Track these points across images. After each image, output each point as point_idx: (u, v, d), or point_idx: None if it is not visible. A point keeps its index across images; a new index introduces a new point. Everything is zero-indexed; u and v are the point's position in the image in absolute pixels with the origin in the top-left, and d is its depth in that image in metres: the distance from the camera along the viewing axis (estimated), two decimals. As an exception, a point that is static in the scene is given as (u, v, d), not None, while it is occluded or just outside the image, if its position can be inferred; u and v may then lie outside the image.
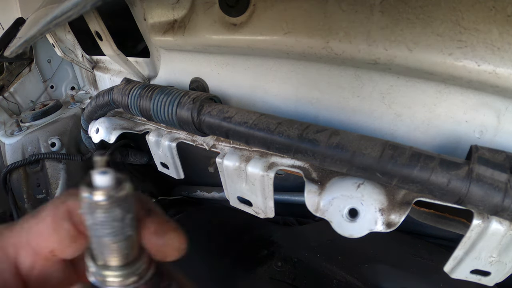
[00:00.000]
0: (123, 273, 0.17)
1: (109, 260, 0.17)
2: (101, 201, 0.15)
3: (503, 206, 0.29)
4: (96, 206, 0.16)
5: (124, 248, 0.17)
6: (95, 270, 0.18)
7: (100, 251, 0.17)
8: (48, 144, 1.00)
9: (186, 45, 0.55)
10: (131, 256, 0.18)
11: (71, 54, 1.04)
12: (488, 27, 0.30)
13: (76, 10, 0.24)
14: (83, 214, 0.17)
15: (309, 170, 0.44)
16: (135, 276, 0.18)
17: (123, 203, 0.16)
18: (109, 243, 0.17)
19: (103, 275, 0.17)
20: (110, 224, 0.16)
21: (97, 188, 0.16)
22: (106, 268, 0.17)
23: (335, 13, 0.36)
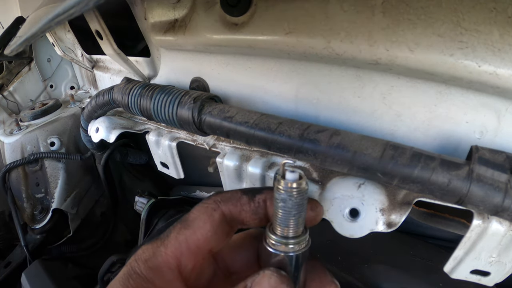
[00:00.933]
0: (296, 241, 0.25)
1: (287, 232, 0.25)
2: (294, 190, 0.23)
3: (503, 206, 0.29)
4: (291, 193, 0.23)
5: (298, 224, 0.25)
6: (275, 240, 0.25)
7: (283, 225, 0.25)
8: (47, 143, 1.00)
9: (186, 44, 0.55)
10: (300, 231, 0.25)
11: (71, 53, 1.03)
12: (489, 28, 0.30)
13: (78, 7, 0.24)
14: (278, 199, 0.24)
15: (309, 170, 0.44)
16: (303, 244, 0.26)
17: (305, 192, 0.24)
18: (291, 219, 0.24)
19: (283, 242, 0.25)
20: (296, 206, 0.24)
21: (291, 180, 0.23)
22: (284, 238, 0.25)
23: (337, 14, 0.37)
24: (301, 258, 0.26)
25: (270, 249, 0.25)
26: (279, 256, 0.25)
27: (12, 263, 0.95)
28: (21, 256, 0.96)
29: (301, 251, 0.25)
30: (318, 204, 0.29)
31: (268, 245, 0.26)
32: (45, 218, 0.97)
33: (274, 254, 0.25)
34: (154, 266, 0.24)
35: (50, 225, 0.97)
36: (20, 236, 0.93)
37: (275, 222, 0.25)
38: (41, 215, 0.97)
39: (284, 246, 0.25)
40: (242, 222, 0.28)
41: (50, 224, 0.97)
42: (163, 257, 0.24)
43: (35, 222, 0.97)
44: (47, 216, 0.97)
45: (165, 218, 0.96)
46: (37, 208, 0.97)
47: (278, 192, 0.24)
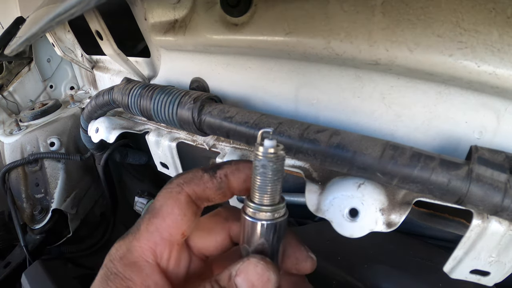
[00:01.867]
0: (274, 208, 0.25)
1: (264, 199, 0.25)
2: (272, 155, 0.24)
3: (503, 206, 0.29)
4: (268, 158, 0.24)
5: (276, 191, 0.25)
6: (254, 208, 0.25)
7: (261, 192, 0.25)
8: (47, 144, 1.00)
9: (186, 45, 0.55)
10: (277, 200, 0.25)
11: (70, 54, 1.03)
12: (488, 28, 0.30)
13: (79, 7, 0.24)
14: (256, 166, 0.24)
15: (309, 170, 0.44)
16: (281, 212, 0.26)
17: (282, 159, 0.24)
18: (269, 186, 0.24)
19: (260, 209, 0.25)
20: (274, 172, 0.24)
21: (269, 147, 0.24)
22: (261, 205, 0.25)
23: (337, 14, 0.37)
24: (279, 227, 0.26)
25: (249, 218, 0.25)
26: (258, 224, 0.25)
27: (12, 263, 0.95)
28: (21, 256, 0.96)
29: (279, 219, 0.26)
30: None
31: (247, 214, 0.26)
32: (45, 219, 0.97)
33: (253, 223, 0.25)
34: (131, 263, 0.23)
35: (49, 225, 0.97)
36: (19, 236, 0.93)
37: (253, 190, 0.25)
38: (40, 215, 0.96)
39: (263, 213, 0.25)
40: (208, 199, 0.28)
41: (50, 225, 0.97)
42: (138, 251, 0.24)
43: (35, 222, 0.97)
44: (47, 216, 0.97)
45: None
46: (37, 208, 0.97)
47: (258, 159, 0.24)
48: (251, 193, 0.26)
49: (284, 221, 0.26)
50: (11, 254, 0.99)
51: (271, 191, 0.25)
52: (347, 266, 0.61)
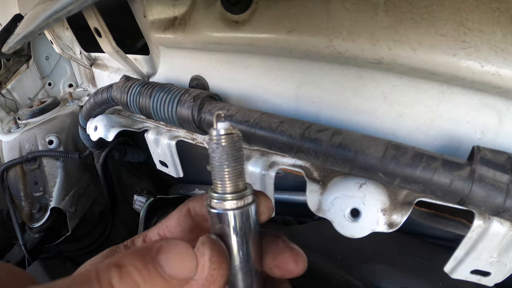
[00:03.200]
0: (235, 196, 0.23)
1: (226, 187, 0.23)
2: (223, 137, 0.22)
3: (505, 207, 0.29)
4: (221, 139, 0.22)
5: (235, 177, 0.23)
6: (215, 198, 0.23)
7: (218, 180, 0.23)
8: (45, 142, 0.99)
9: (186, 42, 0.55)
10: (241, 186, 0.23)
11: (69, 51, 1.03)
12: (492, 28, 0.30)
13: (77, 4, 0.24)
14: (210, 151, 0.23)
15: (310, 169, 0.44)
16: (243, 201, 0.23)
17: (237, 139, 0.23)
18: (225, 171, 0.22)
19: (222, 198, 0.23)
20: (228, 156, 0.22)
21: (221, 128, 0.22)
22: (224, 194, 0.23)
23: (339, 12, 0.36)
24: (245, 216, 0.23)
25: (212, 209, 0.23)
26: (216, 216, 0.23)
27: (11, 262, 0.95)
28: (19, 255, 0.96)
29: (241, 208, 0.23)
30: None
31: (209, 205, 0.24)
32: (43, 217, 0.96)
33: (216, 214, 0.23)
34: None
35: (48, 223, 0.97)
36: (18, 235, 0.92)
37: (213, 178, 0.23)
38: (39, 213, 0.96)
39: (226, 202, 0.23)
40: (204, 217, 0.28)
41: (49, 223, 0.97)
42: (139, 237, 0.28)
43: (33, 220, 0.96)
44: (45, 214, 0.96)
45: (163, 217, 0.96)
46: (35, 206, 0.96)
47: (210, 143, 0.23)
48: (212, 182, 0.24)
49: (252, 209, 0.23)
50: (9, 252, 0.98)
51: (228, 177, 0.23)
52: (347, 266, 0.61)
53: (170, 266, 0.20)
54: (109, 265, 0.19)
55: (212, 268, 0.21)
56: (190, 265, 0.20)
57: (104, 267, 0.19)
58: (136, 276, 0.19)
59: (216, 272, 0.21)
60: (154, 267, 0.19)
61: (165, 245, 0.20)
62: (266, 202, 0.26)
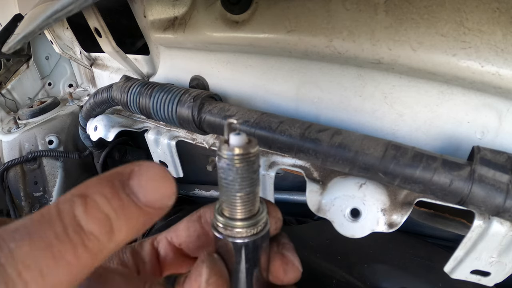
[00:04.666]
0: (248, 223, 0.19)
1: (237, 213, 0.19)
2: (238, 156, 0.18)
3: (505, 207, 0.29)
4: (234, 159, 0.18)
5: (249, 201, 0.19)
6: (223, 223, 0.20)
7: (227, 204, 0.19)
8: (45, 142, 0.99)
9: (186, 42, 0.55)
10: (254, 211, 0.20)
11: (69, 51, 1.03)
12: (492, 28, 0.30)
13: (77, 4, 0.24)
14: (220, 170, 0.19)
15: (310, 169, 0.44)
16: (254, 229, 0.20)
17: (255, 159, 0.18)
18: (237, 196, 0.19)
19: (228, 225, 0.20)
20: (246, 177, 0.18)
21: (235, 145, 0.18)
22: (233, 220, 0.20)
23: (339, 12, 0.36)
24: (252, 247, 0.20)
25: (214, 232, 0.21)
26: (223, 241, 0.20)
27: (10, 262, 0.95)
28: (19, 254, 0.96)
29: (253, 237, 0.20)
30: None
31: (212, 226, 0.21)
32: (43, 217, 0.96)
33: (218, 239, 0.20)
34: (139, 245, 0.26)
35: (48, 223, 0.97)
36: (18, 235, 0.92)
37: (222, 200, 0.20)
38: (39, 213, 0.96)
39: (229, 229, 0.20)
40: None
41: (48, 223, 0.97)
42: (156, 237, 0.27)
43: (33, 220, 0.96)
44: (45, 214, 0.96)
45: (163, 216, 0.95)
46: (35, 206, 0.96)
47: (219, 160, 0.19)
48: (219, 201, 0.21)
49: (260, 238, 0.20)
50: (9, 252, 0.98)
51: (244, 203, 0.19)
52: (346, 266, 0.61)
53: (145, 192, 0.16)
54: (72, 197, 0.16)
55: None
56: (168, 191, 0.17)
57: (65, 200, 0.16)
58: (105, 206, 0.16)
59: None
60: (125, 194, 0.16)
61: (136, 169, 0.17)
62: (274, 213, 0.23)
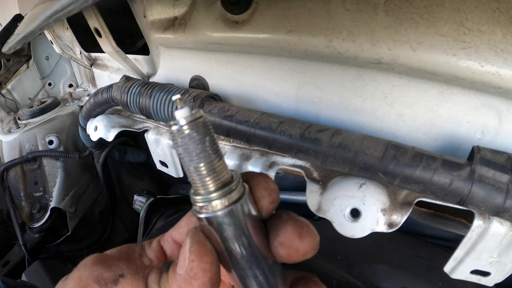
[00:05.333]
0: (221, 193, 0.19)
1: (206, 185, 0.19)
2: (183, 126, 0.18)
3: (505, 207, 0.29)
4: (180, 133, 0.18)
5: (215, 169, 0.19)
6: (198, 202, 0.19)
7: (197, 181, 0.19)
8: (45, 142, 0.99)
9: (186, 42, 0.55)
10: (225, 180, 0.19)
11: (69, 51, 1.03)
12: (492, 28, 0.30)
13: (77, 4, 0.24)
14: (177, 149, 0.19)
15: (310, 169, 0.44)
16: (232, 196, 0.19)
17: (200, 126, 0.18)
18: (201, 167, 0.18)
19: (206, 200, 0.19)
20: (195, 147, 0.18)
21: (179, 117, 0.18)
22: (205, 195, 0.19)
23: (339, 12, 0.36)
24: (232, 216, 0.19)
25: (195, 215, 0.20)
26: (204, 221, 0.20)
27: (11, 262, 0.95)
28: (20, 255, 0.96)
29: (229, 206, 0.19)
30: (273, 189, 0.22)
31: (193, 211, 0.21)
32: (44, 217, 0.96)
33: (200, 220, 0.20)
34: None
35: (48, 224, 0.97)
36: (18, 235, 0.92)
37: (189, 179, 0.20)
38: (39, 214, 0.96)
39: (205, 207, 0.19)
40: None
41: (49, 223, 0.97)
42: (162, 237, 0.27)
43: (33, 221, 0.96)
44: (46, 215, 0.96)
45: (164, 217, 0.96)
46: (36, 207, 0.96)
47: (174, 142, 0.18)
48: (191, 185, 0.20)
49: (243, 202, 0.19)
50: (10, 252, 0.98)
51: (209, 173, 0.18)
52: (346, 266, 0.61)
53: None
54: None
55: (191, 259, 0.19)
56: None
57: None
58: None
59: (196, 264, 0.18)
60: None
61: None
62: (265, 184, 0.22)
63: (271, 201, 0.22)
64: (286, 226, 0.21)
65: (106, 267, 0.22)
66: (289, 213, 0.22)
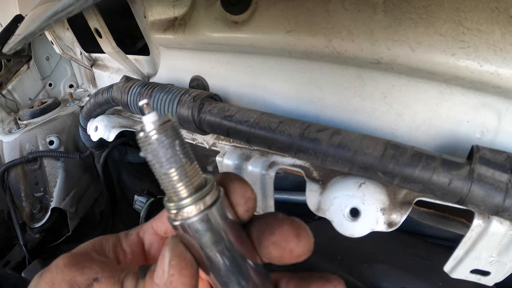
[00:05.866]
0: (193, 199, 0.18)
1: (179, 190, 0.18)
2: (151, 131, 0.17)
3: (504, 206, 0.29)
4: (148, 138, 0.18)
5: (186, 174, 0.18)
6: (172, 210, 0.19)
7: (168, 186, 0.18)
8: (46, 142, 0.99)
9: (186, 43, 0.55)
10: (197, 183, 0.19)
11: (69, 52, 1.03)
12: (490, 28, 0.30)
13: (77, 5, 0.24)
14: (147, 155, 0.18)
15: (310, 169, 0.44)
16: (205, 201, 0.18)
17: (169, 130, 0.18)
18: (171, 173, 0.18)
19: (179, 207, 0.18)
20: (165, 152, 0.18)
21: (146, 122, 0.18)
22: (178, 202, 0.18)
23: (338, 12, 0.36)
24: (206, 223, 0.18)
25: (171, 223, 0.20)
26: (180, 228, 0.19)
27: (11, 262, 0.95)
28: (20, 255, 0.96)
29: (202, 213, 0.18)
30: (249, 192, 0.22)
31: (168, 219, 0.20)
32: (44, 217, 0.96)
33: (176, 228, 0.19)
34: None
35: (49, 224, 0.97)
36: (19, 235, 0.92)
37: (161, 186, 0.19)
38: (40, 214, 0.96)
39: (180, 214, 0.19)
40: None
41: (49, 223, 0.97)
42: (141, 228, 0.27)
43: (34, 221, 0.96)
44: (46, 215, 0.96)
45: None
46: (36, 207, 0.96)
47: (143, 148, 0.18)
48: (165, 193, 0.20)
49: (217, 207, 0.19)
50: (10, 252, 0.99)
51: (180, 179, 0.18)
52: (346, 265, 0.61)
53: None
54: None
55: (170, 273, 0.18)
56: None
57: None
58: None
59: (176, 278, 0.18)
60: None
61: None
62: (241, 191, 0.21)
63: (247, 210, 0.21)
64: (283, 225, 0.20)
65: (79, 270, 0.22)
66: (285, 214, 0.22)
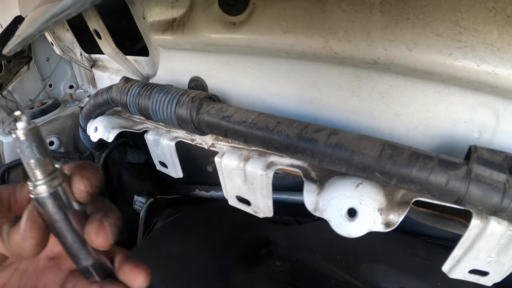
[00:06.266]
0: (45, 180, 0.26)
1: (35, 174, 0.26)
2: (19, 134, 0.25)
3: (502, 206, 0.29)
4: (18, 139, 0.25)
5: (42, 164, 0.26)
6: (31, 186, 0.27)
7: (29, 170, 0.26)
8: (46, 143, 1.00)
9: (185, 43, 0.55)
10: (48, 170, 0.27)
11: (69, 53, 1.03)
12: (488, 27, 0.30)
13: (75, 8, 0.24)
14: (16, 149, 0.26)
15: (308, 169, 0.44)
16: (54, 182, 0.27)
17: (31, 134, 0.26)
18: (31, 162, 0.26)
19: (35, 185, 0.26)
20: (26, 149, 0.25)
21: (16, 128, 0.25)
22: (36, 181, 0.26)
23: (335, 13, 0.36)
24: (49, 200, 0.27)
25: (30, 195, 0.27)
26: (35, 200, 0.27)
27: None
28: (21, 255, 0.96)
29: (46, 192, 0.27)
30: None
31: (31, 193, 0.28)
32: (44, 218, 0.97)
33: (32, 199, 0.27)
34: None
35: (49, 224, 0.97)
36: (19, 236, 0.92)
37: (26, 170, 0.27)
38: (40, 214, 0.96)
39: (34, 189, 0.27)
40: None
41: (49, 224, 0.97)
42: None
43: (34, 221, 0.97)
44: (46, 215, 0.97)
45: (164, 217, 0.96)
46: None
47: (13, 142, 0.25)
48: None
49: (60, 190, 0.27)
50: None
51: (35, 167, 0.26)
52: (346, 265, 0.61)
53: None
54: None
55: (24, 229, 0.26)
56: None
57: None
58: None
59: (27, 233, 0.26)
60: None
61: None
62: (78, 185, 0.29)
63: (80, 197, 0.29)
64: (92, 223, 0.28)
65: None
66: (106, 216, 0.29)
